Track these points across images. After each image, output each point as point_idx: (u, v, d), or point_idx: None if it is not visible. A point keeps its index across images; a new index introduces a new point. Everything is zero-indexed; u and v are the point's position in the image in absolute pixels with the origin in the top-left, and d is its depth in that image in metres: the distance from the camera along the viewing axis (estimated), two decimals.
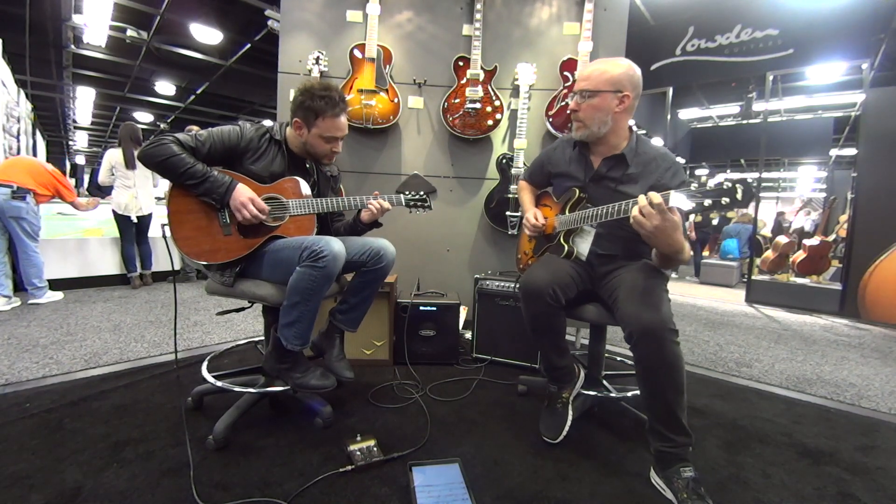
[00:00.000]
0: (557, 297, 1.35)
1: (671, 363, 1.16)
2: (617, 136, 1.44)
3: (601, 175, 1.47)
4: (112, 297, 3.51)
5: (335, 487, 1.16)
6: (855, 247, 4.14)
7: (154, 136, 1.36)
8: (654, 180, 1.38)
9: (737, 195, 1.01)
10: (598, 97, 1.37)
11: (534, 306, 1.39)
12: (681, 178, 1.38)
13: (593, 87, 1.37)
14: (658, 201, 1.08)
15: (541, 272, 1.40)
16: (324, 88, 1.44)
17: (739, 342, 2.99)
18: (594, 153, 1.50)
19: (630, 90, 1.37)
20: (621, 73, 1.36)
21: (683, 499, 1.12)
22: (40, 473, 1.17)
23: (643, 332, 1.17)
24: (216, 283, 1.45)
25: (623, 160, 1.43)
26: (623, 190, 1.41)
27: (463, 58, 2.47)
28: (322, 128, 1.46)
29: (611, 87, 1.36)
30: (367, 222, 1.62)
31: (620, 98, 1.37)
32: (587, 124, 1.41)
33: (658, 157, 1.42)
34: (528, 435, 1.48)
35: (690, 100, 8.01)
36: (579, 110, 1.42)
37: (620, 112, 1.39)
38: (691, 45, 4.75)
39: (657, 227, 1.10)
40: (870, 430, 1.68)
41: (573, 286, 1.42)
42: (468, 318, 2.37)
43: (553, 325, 1.43)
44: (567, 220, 1.50)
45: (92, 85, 8.51)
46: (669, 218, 1.09)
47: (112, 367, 1.96)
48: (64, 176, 3.44)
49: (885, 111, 4.01)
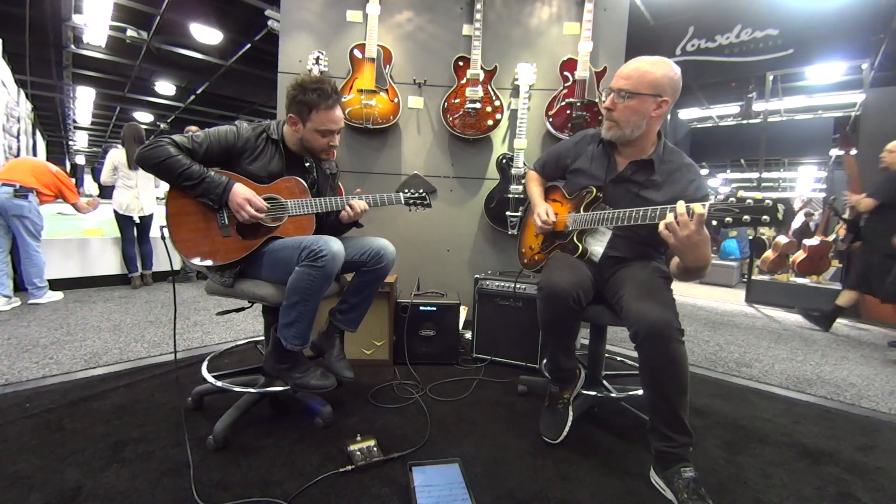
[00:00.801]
0: (580, 300, 1.32)
1: (676, 363, 1.16)
2: (646, 140, 1.39)
3: (625, 178, 1.42)
4: (112, 297, 3.51)
5: (335, 487, 1.16)
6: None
7: (151, 137, 1.36)
8: (678, 191, 1.32)
9: (777, 214, 0.95)
10: (636, 99, 1.30)
11: (555, 308, 1.35)
12: (704, 192, 1.31)
13: (633, 87, 1.30)
14: (700, 212, 1.04)
15: (565, 274, 1.35)
16: (315, 81, 1.43)
17: (739, 342, 2.99)
18: (621, 154, 1.45)
19: (670, 95, 1.31)
20: (662, 76, 1.29)
21: (684, 499, 1.12)
22: (40, 473, 1.17)
23: (649, 331, 1.15)
24: (216, 283, 1.45)
25: (650, 166, 1.38)
26: (646, 196, 1.37)
27: (463, 58, 2.47)
28: (316, 121, 1.45)
29: (651, 91, 1.29)
30: (346, 222, 1.60)
31: (659, 103, 1.31)
32: (621, 126, 1.35)
33: (683, 168, 1.37)
34: (528, 435, 1.48)
35: (690, 100, 8.00)
36: (615, 110, 1.34)
37: (656, 117, 1.34)
38: (691, 45, 4.75)
39: (688, 238, 1.08)
40: (870, 430, 1.68)
41: (592, 289, 1.39)
42: (468, 318, 2.37)
43: (569, 327, 1.41)
44: (583, 219, 1.45)
45: (92, 85, 8.51)
46: (703, 231, 1.06)
47: (112, 367, 1.96)
48: (68, 177, 3.44)
49: (885, 111, 4.01)
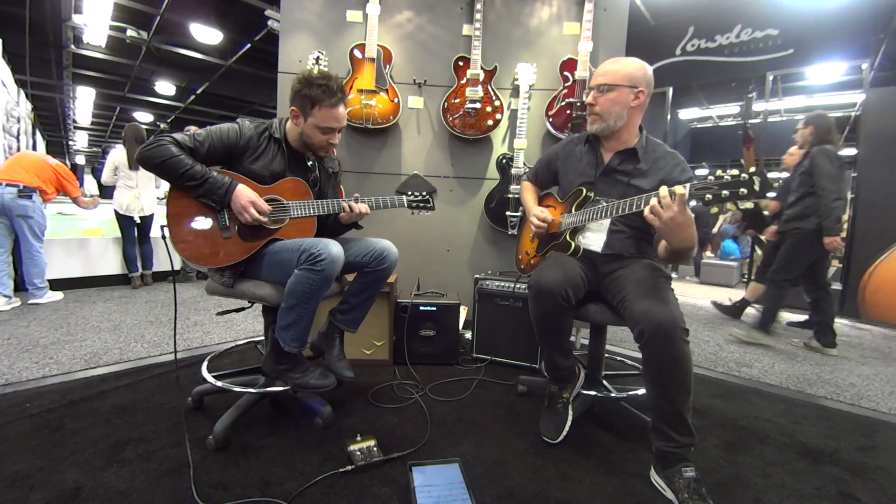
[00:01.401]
0: (569, 297, 1.34)
1: (681, 362, 1.16)
2: (629, 132, 1.47)
3: (612, 168, 1.49)
4: (112, 297, 3.51)
5: (335, 487, 1.16)
6: (855, 247, 4.13)
7: (153, 136, 1.35)
8: (665, 175, 1.41)
9: (754, 186, 1.01)
10: (615, 91, 1.42)
11: (544, 306, 1.37)
12: (688, 174, 1.41)
13: (611, 81, 1.42)
14: (681, 192, 1.09)
15: (553, 271, 1.39)
16: (322, 77, 1.43)
17: (739, 342, 2.99)
18: (606, 148, 1.52)
19: (644, 86, 1.42)
20: (636, 70, 1.42)
21: (684, 498, 1.12)
22: (40, 473, 1.17)
23: (655, 331, 1.16)
24: (216, 283, 1.45)
25: (634, 154, 1.46)
26: (635, 184, 1.44)
27: (463, 58, 2.47)
28: (318, 117, 1.43)
29: (627, 82, 1.41)
30: (345, 223, 1.60)
31: (636, 93, 1.42)
32: (604, 117, 1.45)
33: (667, 155, 1.46)
34: (528, 435, 1.48)
35: (690, 100, 8.02)
36: (596, 104, 1.45)
37: (635, 107, 1.43)
38: (691, 45, 4.75)
39: (672, 220, 1.11)
40: (870, 430, 1.68)
41: (583, 287, 1.41)
42: (468, 318, 2.37)
43: (561, 325, 1.42)
44: (574, 219, 1.50)
45: (92, 85, 8.51)
46: (686, 212, 1.11)
47: (112, 367, 1.96)
48: (69, 170, 3.41)
49: (885, 111, 4.01)
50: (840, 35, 4.00)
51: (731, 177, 1.04)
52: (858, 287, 4.08)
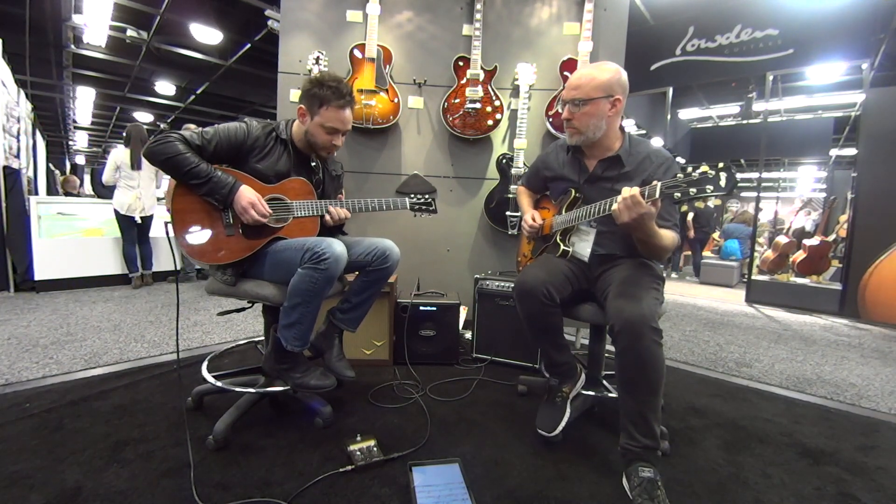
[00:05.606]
0: (551, 295, 1.36)
1: (647, 361, 1.15)
2: (610, 138, 1.45)
3: (597, 176, 1.48)
4: (112, 297, 3.51)
5: (335, 487, 1.16)
6: (855, 247, 4.14)
7: (160, 133, 1.36)
8: (647, 176, 1.39)
9: (720, 182, 1.01)
10: (590, 104, 1.37)
11: (528, 306, 1.40)
12: (673, 173, 1.38)
13: (585, 95, 1.37)
14: (629, 193, 1.15)
15: (534, 271, 1.42)
16: (334, 80, 1.45)
17: (739, 342, 2.99)
18: (588, 157, 1.51)
19: (620, 93, 1.38)
20: (610, 78, 1.37)
21: (634, 497, 1.12)
22: (40, 473, 1.17)
23: (623, 326, 1.17)
24: (218, 281, 1.45)
25: (618, 161, 1.44)
26: (620, 189, 1.42)
27: (463, 58, 2.47)
28: (325, 117, 1.45)
29: (602, 94, 1.36)
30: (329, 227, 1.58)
31: (612, 102, 1.38)
32: (582, 131, 1.42)
33: (651, 154, 1.44)
34: (528, 435, 1.48)
35: (690, 100, 8.01)
36: (573, 119, 1.41)
37: (613, 115, 1.40)
38: (691, 45, 4.75)
39: (633, 219, 1.17)
40: (870, 430, 1.68)
41: (567, 285, 1.43)
42: (468, 318, 2.37)
43: (549, 323, 1.44)
44: (562, 219, 1.53)
45: (92, 85, 8.51)
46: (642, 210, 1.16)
47: (112, 367, 1.96)
48: None
49: (885, 111, 4.01)
50: (840, 35, 4.00)
51: (700, 174, 1.04)
52: (858, 287, 4.09)
